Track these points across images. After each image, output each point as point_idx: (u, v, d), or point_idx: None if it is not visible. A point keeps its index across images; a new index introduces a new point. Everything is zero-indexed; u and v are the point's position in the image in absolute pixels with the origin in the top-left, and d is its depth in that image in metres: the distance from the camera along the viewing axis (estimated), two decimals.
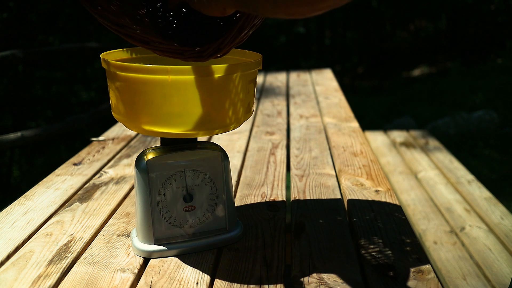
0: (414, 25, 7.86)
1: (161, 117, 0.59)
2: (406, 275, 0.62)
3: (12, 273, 0.63)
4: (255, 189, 0.92)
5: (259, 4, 0.41)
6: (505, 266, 1.29)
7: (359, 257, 0.67)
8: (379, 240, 0.71)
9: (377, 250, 0.68)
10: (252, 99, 0.66)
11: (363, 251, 0.68)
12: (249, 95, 0.64)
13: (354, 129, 1.34)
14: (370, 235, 0.73)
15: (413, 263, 0.65)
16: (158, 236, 0.67)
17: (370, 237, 0.72)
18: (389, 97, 5.51)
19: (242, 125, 1.36)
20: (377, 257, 0.66)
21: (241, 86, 0.62)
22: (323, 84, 2.10)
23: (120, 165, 1.08)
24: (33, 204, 0.86)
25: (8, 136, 2.04)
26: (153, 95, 0.58)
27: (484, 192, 1.81)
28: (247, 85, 0.63)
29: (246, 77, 0.62)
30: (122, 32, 0.55)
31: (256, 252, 0.69)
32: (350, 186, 0.93)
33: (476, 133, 3.80)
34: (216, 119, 0.61)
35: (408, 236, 0.72)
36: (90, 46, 2.91)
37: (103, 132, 1.36)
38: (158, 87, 0.58)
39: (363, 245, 0.70)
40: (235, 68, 0.60)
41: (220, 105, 0.60)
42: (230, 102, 0.61)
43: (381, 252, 0.68)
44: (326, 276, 0.62)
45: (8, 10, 4.30)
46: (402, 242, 0.70)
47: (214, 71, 0.58)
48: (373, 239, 0.72)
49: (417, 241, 0.71)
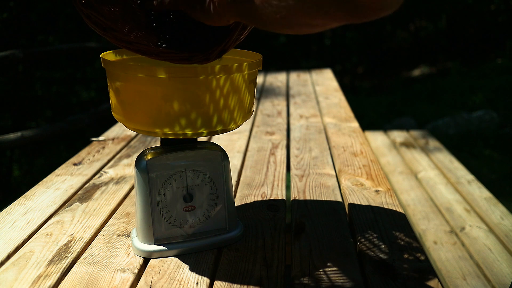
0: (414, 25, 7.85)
1: (161, 117, 0.59)
2: (406, 275, 0.62)
3: (12, 273, 0.63)
4: (255, 189, 0.92)
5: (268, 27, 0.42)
6: (505, 266, 1.29)
7: (359, 257, 0.67)
8: (379, 240, 0.71)
9: (377, 250, 0.68)
10: (252, 99, 0.66)
11: (363, 251, 0.68)
12: (249, 95, 0.64)
13: (354, 129, 1.34)
14: (370, 235, 0.73)
15: (413, 263, 0.65)
16: (158, 236, 0.67)
17: (370, 237, 0.72)
18: (389, 97, 5.50)
19: (242, 125, 1.36)
20: (377, 257, 0.66)
21: (241, 86, 0.62)
22: (323, 84, 2.10)
23: (120, 165, 1.08)
24: (33, 204, 0.86)
25: (8, 136, 2.04)
26: (153, 95, 0.58)
27: (484, 192, 1.81)
28: (247, 85, 0.63)
29: (246, 77, 0.62)
30: (132, 48, 0.56)
31: (256, 252, 0.69)
32: (350, 186, 0.93)
33: (476, 133, 3.80)
34: (216, 119, 0.61)
35: (408, 236, 0.72)
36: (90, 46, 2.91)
37: (103, 132, 1.36)
38: (158, 87, 0.58)
39: (363, 245, 0.70)
40: (235, 69, 0.60)
41: (220, 105, 0.60)
42: (230, 102, 0.61)
43: (381, 252, 0.68)
44: (326, 276, 0.62)
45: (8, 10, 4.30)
46: (402, 242, 0.70)
47: (214, 72, 0.58)
48: (373, 239, 0.72)
49: (417, 241, 0.71)
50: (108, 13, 0.54)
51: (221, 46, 0.57)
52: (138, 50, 0.57)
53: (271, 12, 0.39)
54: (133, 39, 0.55)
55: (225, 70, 0.58)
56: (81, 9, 0.54)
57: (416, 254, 0.67)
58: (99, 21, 0.54)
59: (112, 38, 0.56)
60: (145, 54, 0.57)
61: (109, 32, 0.55)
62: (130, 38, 0.55)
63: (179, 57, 0.57)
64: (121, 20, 0.54)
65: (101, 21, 0.54)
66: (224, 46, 0.57)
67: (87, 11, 0.54)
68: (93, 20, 0.54)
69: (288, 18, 0.39)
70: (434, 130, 3.83)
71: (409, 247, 0.69)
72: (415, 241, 0.71)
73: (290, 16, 0.39)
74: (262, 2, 0.40)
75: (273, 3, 0.39)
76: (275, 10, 0.39)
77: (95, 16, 0.54)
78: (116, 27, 0.54)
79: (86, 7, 0.53)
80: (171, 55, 0.56)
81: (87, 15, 0.54)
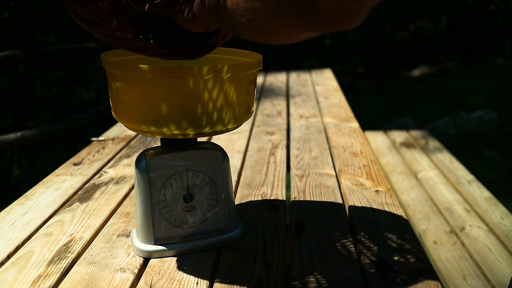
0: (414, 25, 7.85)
1: (161, 117, 0.59)
2: (406, 275, 0.62)
3: (12, 273, 0.64)
4: (255, 189, 0.92)
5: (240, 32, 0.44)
6: (505, 266, 1.29)
7: (359, 257, 0.67)
8: (379, 240, 0.71)
9: (377, 250, 0.68)
10: (252, 99, 0.66)
11: (363, 251, 0.68)
12: (249, 96, 0.64)
13: (354, 129, 1.34)
14: (370, 235, 0.73)
15: (413, 263, 0.65)
16: (158, 236, 0.67)
17: (370, 237, 0.72)
18: (389, 97, 5.51)
19: (242, 125, 1.36)
20: (377, 257, 0.66)
21: (241, 86, 0.62)
22: (323, 84, 2.10)
23: (120, 165, 1.08)
24: (33, 204, 0.86)
25: (8, 136, 2.04)
26: (153, 95, 0.58)
27: (484, 192, 1.81)
28: (247, 86, 0.63)
29: (246, 78, 0.62)
30: (120, 44, 0.56)
31: (256, 252, 0.69)
32: (350, 186, 0.93)
33: (476, 133, 3.81)
34: (216, 120, 0.61)
35: (408, 236, 0.72)
36: (90, 46, 2.91)
37: (103, 132, 1.37)
38: (159, 87, 0.58)
39: (363, 245, 0.70)
40: (235, 69, 0.60)
41: (220, 105, 0.60)
42: (230, 103, 0.61)
43: (381, 252, 0.68)
44: (326, 276, 0.62)
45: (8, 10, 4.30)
46: (402, 242, 0.70)
47: (214, 72, 0.58)
48: (373, 239, 0.72)
49: (417, 241, 0.71)
50: (96, 8, 0.53)
51: (210, 41, 0.57)
52: (126, 45, 0.56)
53: (239, 15, 0.41)
54: (120, 34, 0.55)
55: (225, 70, 0.58)
56: (67, 6, 0.54)
57: (416, 254, 0.67)
58: (86, 17, 0.54)
59: (100, 34, 0.55)
60: (133, 50, 0.57)
61: (96, 28, 0.55)
62: (118, 34, 0.55)
63: (168, 53, 0.57)
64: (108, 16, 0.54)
65: (88, 17, 0.54)
66: (213, 42, 0.57)
67: (73, 7, 0.53)
68: (80, 16, 0.54)
69: (254, 22, 0.40)
70: (434, 130, 3.84)
71: (409, 247, 0.69)
72: (415, 241, 0.71)
73: (256, 20, 0.40)
74: (232, 5, 0.41)
75: (241, 5, 0.40)
76: (242, 13, 0.40)
77: (82, 12, 0.53)
78: (104, 23, 0.54)
79: (73, 3, 0.53)
80: (159, 51, 0.56)
81: (74, 11, 0.54)
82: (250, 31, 0.42)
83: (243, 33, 0.44)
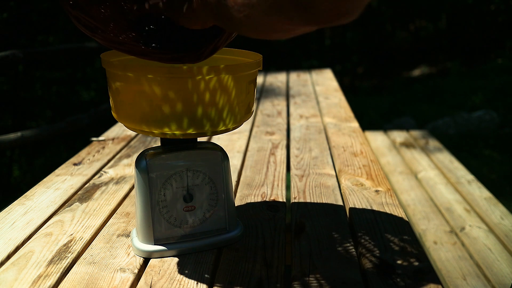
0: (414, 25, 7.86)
1: (161, 117, 0.59)
2: (406, 275, 0.62)
3: (12, 273, 0.64)
4: (255, 189, 0.92)
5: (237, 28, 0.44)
6: (505, 266, 1.29)
7: (359, 257, 0.67)
8: (379, 240, 0.71)
9: (377, 250, 0.68)
10: (252, 99, 0.66)
11: (363, 251, 0.68)
12: (249, 96, 0.64)
13: (354, 129, 1.34)
14: (370, 235, 0.73)
15: (413, 263, 0.65)
16: (158, 236, 0.67)
17: (370, 237, 0.72)
18: (389, 97, 5.51)
19: (242, 125, 1.36)
20: (377, 257, 0.66)
21: (241, 86, 0.62)
22: (323, 84, 2.10)
23: (120, 165, 1.08)
24: (33, 204, 0.86)
25: (8, 136, 2.04)
26: (153, 95, 0.58)
27: (484, 192, 1.81)
28: (247, 86, 0.63)
29: (246, 78, 0.62)
30: (122, 49, 0.56)
31: (256, 252, 0.69)
32: (350, 186, 0.93)
33: (476, 133, 3.81)
34: (216, 120, 0.61)
35: (408, 236, 0.72)
36: (90, 46, 2.90)
37: (103, 132, 1.37)
38: (159, 87, 0.58)
39: (363, 245, 0.70)
40: (236, 69, 0.60)
41: (220, 105, 0.60)
42: (230, 103, 0.61)
43: (381, 252, 0.68)
44: (326, 276, 0.62)
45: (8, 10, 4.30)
46: (402, 242, 0.70)
47: (214, 72, 0.58)
48: (373, 239, 0.72)
49: (417, 241, 0.71)
50: (97, 13, 0.53)
51: (212, 45, 0.57)
52: (128, 50, 0.56)
53: (236, 11, 0.41)
54: (122, 39, 0.55)
55: (225, 70, 0.58)
56: (69, 11, 0.54)
57: (416, 254, 0.67)
58: (88, 23, 0.54)
59: (102, 39, 0.55)
60: (135, 55, 0.57)
61: (98, 34, 0.54)
62: (120, 38, 0.55)
63: (170, 57, 0.57)
64: (110, 21, 0.54)
65: (89, 22, 0.54)
66: (215, 45, 0.57)
67: (75, 13, 0.53)
68: (82, 22, 0.54)
69: (251, 18, 0.40)
70: (434, 130, 3.84)
71: (409, 247, 0.69)
72: (415, 241, 0.71)
73: (253, 16, 0.40)
74: (230, 1, 0.41)
75: (238, 1, 0.40)
76: (240, 9, 0.40)
77: (84, 18, 0.53)
78: (105, 28, 0.54)
79: (74, 8, 0.53)
80: (161, 55, 0.56)
81: (75, 16, 0.54)
82: (247, 26, 0.42)
83: (240, 28, 0.44)
